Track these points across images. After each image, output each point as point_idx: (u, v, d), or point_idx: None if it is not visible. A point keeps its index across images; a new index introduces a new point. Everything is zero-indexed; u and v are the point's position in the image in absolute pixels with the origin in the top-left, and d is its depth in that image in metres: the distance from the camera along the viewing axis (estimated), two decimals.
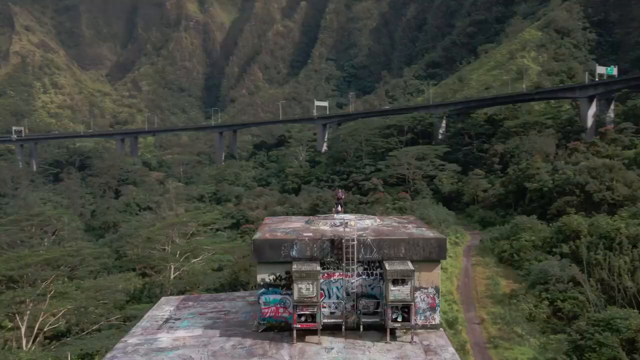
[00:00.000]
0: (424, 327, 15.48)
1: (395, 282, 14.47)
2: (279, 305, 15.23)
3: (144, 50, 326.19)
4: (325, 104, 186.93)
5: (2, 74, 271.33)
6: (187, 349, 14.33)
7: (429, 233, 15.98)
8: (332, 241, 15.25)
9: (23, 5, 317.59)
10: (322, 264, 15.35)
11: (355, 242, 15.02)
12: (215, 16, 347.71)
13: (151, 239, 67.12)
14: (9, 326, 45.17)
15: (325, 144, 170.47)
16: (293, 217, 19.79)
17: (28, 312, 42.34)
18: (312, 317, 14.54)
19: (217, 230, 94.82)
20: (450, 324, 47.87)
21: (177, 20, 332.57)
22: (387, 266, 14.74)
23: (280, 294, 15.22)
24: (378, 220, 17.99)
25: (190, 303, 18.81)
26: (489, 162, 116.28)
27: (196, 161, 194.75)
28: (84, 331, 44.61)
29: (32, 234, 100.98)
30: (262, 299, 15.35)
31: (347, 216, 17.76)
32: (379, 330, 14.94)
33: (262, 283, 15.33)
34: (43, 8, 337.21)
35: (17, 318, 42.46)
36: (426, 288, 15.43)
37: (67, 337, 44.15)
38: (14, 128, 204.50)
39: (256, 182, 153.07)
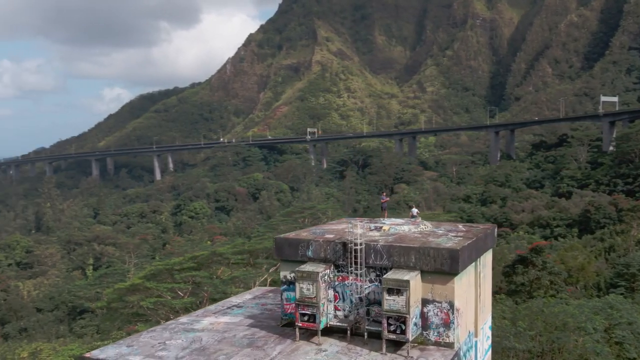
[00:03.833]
0: (437, 343, 14.36)
1: (390, 291, 13.81)
2: None
3: (430, 52, 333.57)
4: (614, 99, 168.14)
5: (305, 82, 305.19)
6: (207, 333, 15.80)
7: (448, 243, 14.67)
8: (344, 244, 15.14)
9: (325, 18, 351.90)
10: (336, 267, 15.36)
11: (362, 247, 14.67)
12: (503, 12, 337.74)
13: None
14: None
15: (611, 144, 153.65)
16: (365, 218, 19.58)
17: (205, 294, 48.24)
18: (314, 318, 14.72)
19: None
20: None
21: (463, 19, 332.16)
22: (386, 274, 14.15)
23: None
24: (423, 226, 16.94)
25: (270, 294, 20.19)
26: None
27: (470, 161, 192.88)
28: None
29: (304, 225, 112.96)
30: (285, 295, 15.98)
31: (398, 220, 17.17)
32: (388, 340, 14.36)
33: (284, 280, 15.97)
34: (342, 19, 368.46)
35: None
36: (439, 302, 14.28)
37: None
38: (308, 129, 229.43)
39: (526, 184, 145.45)
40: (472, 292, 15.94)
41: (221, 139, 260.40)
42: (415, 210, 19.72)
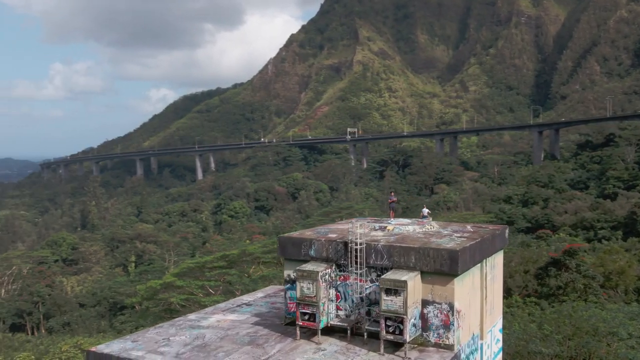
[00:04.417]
0: (437, 345, 14.19)
1: (388, 291, 13.71)
2: None
3: (473, 51, 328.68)
4: None
5: (346, 82, 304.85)
6: (211, 330, 15.99)
7: (449, 244, 14.44)
8: (345, 244, 15.10)
9: (367, 18, 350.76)
10: (338, 266, 15.34)
11: (361, 247, 14.60)
12: (549, 9, 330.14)
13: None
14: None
15: None
16: (373, 218, 19.47)
17: (237, 292, 48.67)
18: (314, 317, 14.73)
19: None
20: None
21: (508, 17, 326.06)
22: (385, 274, 14.06)
23: None
24: (429, 227, 16.71)
25: (282, 293, 20.23)
26: None
27: (512, 161, 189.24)
28: None
29: None
30: (288, 294, 16.03)
31: (404, 220, 17.02)
32: (388, 340, 14.26)
33: (287, 279, 16.03)
34: (384, 19, 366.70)
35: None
36: (439, 303, 14.10)
37: None
38: (348, 129, 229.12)
39: (570, 185, 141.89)
40: (477, 293, 15.67)
41: (262, 139, 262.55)
42: (425, 211, 19.49)
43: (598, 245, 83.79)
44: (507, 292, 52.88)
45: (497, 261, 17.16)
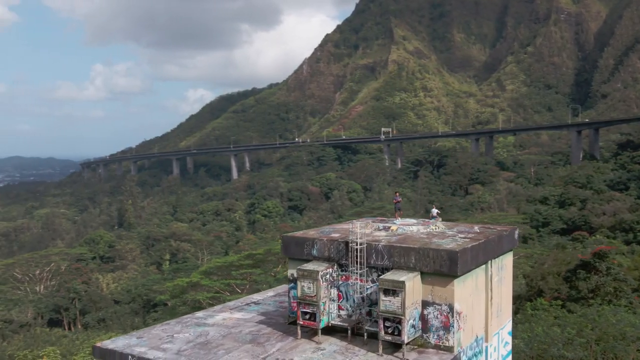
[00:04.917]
0: (437, 346, 14.02)
1: (386, 292, 13.62)
2: None
3: (510, 49, 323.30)
4: None
5: (381, 81, 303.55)
6: (216, 327, 16.14)
7: (450, 245, 14.25)
8: (346, 244, 15.06)
9: (402, 17, 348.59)
10: (340, 266, 15.31)
11: (360, 247, 14.54)
12: (590, 5, 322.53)
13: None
14: None
15: None
16: (383, 218, 19.34)
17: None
18: (314, 316, 14.74)
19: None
20: None
21: (546, 14, 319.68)
22: (384, 275, 13.96)
23: None
24: (434, 227, 16.51)
25: None
26: None
27: (549, 161, 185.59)
28: None
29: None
30: (291, 293, 16.07)
31: (409, 220, 16.88)
32: (388, 341, 14.18)
33: (291, 278, 16.06)
34: (420, 18, 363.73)
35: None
36: (439, 304, 13.94)
37: None
38: (382, 129, 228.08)
39: (609, 186, 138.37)
40: (481, 295, 15.43)
41: (296, 139, 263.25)
42: (435, 211, 19.22)
43: (637, 248, 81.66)
44: (539, 294, 51.94)
45: (505, 263, 16.87)
